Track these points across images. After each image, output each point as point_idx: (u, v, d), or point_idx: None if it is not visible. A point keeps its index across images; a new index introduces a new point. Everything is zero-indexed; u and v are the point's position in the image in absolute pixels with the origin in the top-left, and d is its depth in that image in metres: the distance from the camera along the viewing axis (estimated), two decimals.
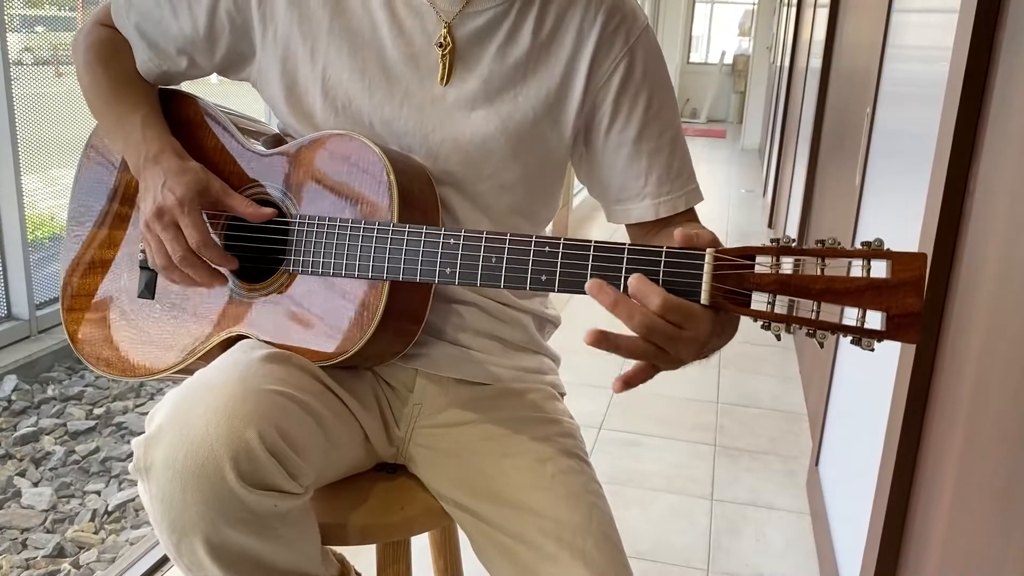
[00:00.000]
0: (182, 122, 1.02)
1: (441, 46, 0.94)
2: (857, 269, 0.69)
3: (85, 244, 1.05)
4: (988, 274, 1.03)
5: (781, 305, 0.70)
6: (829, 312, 0.69)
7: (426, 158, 0.96)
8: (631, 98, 0.97)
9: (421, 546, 1.15)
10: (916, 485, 1.25)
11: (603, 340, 0.71)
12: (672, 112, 1.00)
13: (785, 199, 4.62)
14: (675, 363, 0.76)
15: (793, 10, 5.96)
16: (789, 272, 0.70)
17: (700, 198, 1.02)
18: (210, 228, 0.92)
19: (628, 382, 0.75)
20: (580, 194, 5.44)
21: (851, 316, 0.69)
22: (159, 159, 0.93)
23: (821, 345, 0.70)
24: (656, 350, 0.74)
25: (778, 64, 7.06)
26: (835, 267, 0.70)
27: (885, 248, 0.68)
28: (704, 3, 13.20)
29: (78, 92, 1.05)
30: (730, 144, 9.95)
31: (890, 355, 1.38)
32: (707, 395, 2.78)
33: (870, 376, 1.62)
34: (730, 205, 6.15)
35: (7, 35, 2.67)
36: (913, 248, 1.28)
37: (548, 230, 1.12)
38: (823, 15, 3.58)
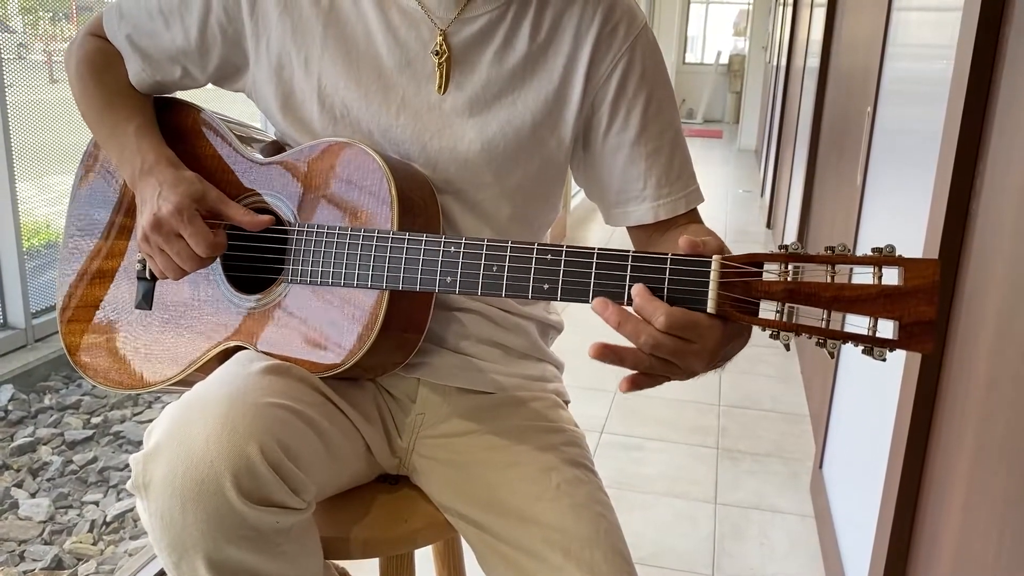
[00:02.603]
0: (178, 131, 1.01)
1: (437, 54, 0.93)
2: (868, 276, 0.67)
3: (83, 255, 1.04)
4: (997, 274, 1.02)
5: (790, 313, 0.68)
6: (839, 321, 0.68)
7: (425, 166, 0.94)
8: (630, 98, 0.96)
9: (425, 558, 1.14)
10: (925, 488, 1.23)
11: (608, 354, 0.70)
12: (672, 112, 0.99)
13: (784, 199, 4.61)
14: (685, 374, 0.74)
15: (789, 9, 5.96)
16: (798, 280, 0.68)
17: (701, 199, 1.01)
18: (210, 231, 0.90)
19: (635, 383, 0.74)
20: (577, 196, 5.43)
21: (862, 325, 0.68)
22: (154, 170, 0.92)
23: (831, 355, 0.68)
24: (663, 364, 0.72)
25: (774, 64, 7.06)
26: (843, 275, 0.68)
27: (897, 254, 0.66)
28: (699, 3, 13.20)
29: (72, 98, 1.04)
30: (726, 144, 9.95)
31: (896, 355, 1.37)
32: (708, 397, 2.77)
33: (875, 376, 1.61)
34: (728, 205, 6.14)
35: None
36: (919, 248, 1.27)
37: (547, 233, 1.11)
38: (820, 14, 3.57)
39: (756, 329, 0.72)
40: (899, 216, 1.56)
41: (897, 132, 1.67)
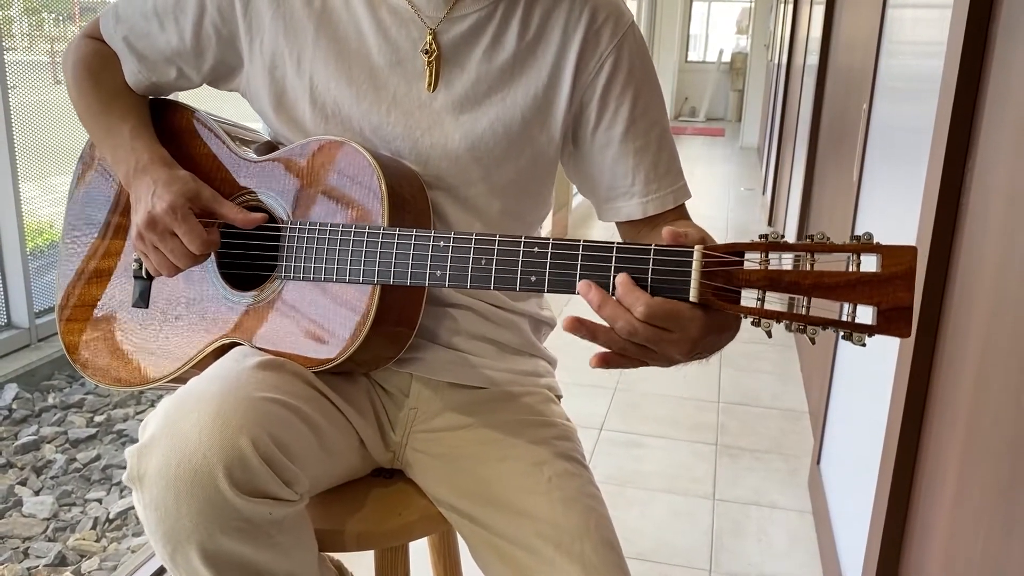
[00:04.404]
0: (173, 131, 1.02)
1: (427, 53, 0.94)
2: (848, 264, 0.69)
3: (81, 254, 1.05)
4: (986, 268, 1.03)
5: (771, 301, 0.69)
6: (819, 307, 0.69)
7: (416, 163, 0.95)
8: (617, 96, 0.97)
9: (420, 551, 1.15)
10: (917, 482, 1.24)
11: (579, 327, 0.71)
12: (659, 110, 1.00)
13: (784, 197, 4.61)
14: (663, 361, 0.76)
15: (790, 7, 5.96)
16: (778, 268, 0.69)
17: (688, 196, 1.02)
18: (204, 229, 0.91)
19: (606, 360, 0.75)
20: (579, 195, 5.43)
21: (842, 311, 0.69)
22: (148, 169, 0.93)
23: (812, 341, 0.70)
24: (638, 348, 0.73)
25: (776, 62, 7.06)
26: (826, 263, 0.69)
27: (875, 242, 0.68)
28: (701, 1, 13.20)
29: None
30: (729, 142, 9.94)
31: (890, 351, 1.38)
32: (708, 394, 2.78)
33: (870, 373, 1.62)
34: (730, 203, 6.14)
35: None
36: (911, 243, 1.28)
37: (547, 231, 1.12)
38: (819, 12, 3.58)
39: (747, 323, 0.73)
40: (894, 211, 1.56)
41: (892, 128, 1.68)
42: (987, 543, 0.93)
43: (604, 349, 0.75)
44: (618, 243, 0.75)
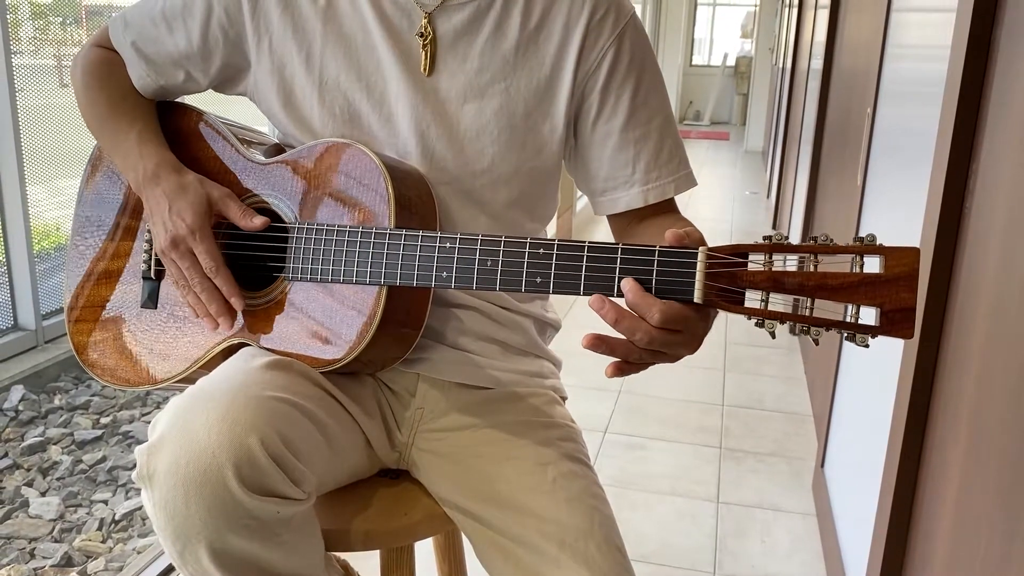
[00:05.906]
0: (182, 134, 1.03)
1: (421, 36, 0.95)
2: (850, 266, 0.69)
3: (90, 256, 1.06)
4: (989, 271, 1.03)
5: (775, 302, 0.70)
6: (823, 308, 0.69)
7: (423, 155, 0.96)
8: (618, 87, 0.98)
9: (426, 551, 1.15)
10: (921, 485, 1.24)
11: (600, 345, 0.73)
12: (661, 99, 1.00)
13: (788, 201, 4.61)
14: (672, 359, 0.78)
15: (794, 11, 5.96)
16: (782, 269, 0.70)
17: (693, 183, 1.02)
18: (221, 257, 0.93)
19: (621, 370, 0.77)
20: (584, 196, 5.43)
21: (845, 312, 0.70)
22: (158, 176, 0.95)
23: (816, 342, 0.70)
24: (652, 353, 0.75)
25: (780, 66, 7.06)
26: (829, 264, 0.70)
27: (878, 243, 0.68)
28: (706, 5, 13.20)
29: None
30: (734, 146, 9.94)
31: (893, 354, 1.38)
32: (712, 398, 2.78)
33: (874, 376, 1.62)
34: (734, 207, 6.14)
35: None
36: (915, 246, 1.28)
37: (552, 233, 1.12)
38: (824, 16, 3.58)
39: (756, 329, 0.74)
40: (897, 215, 1.57)
41: (896, 132, 1.68)
42: (990, 546, 0.94)
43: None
44: (623, 245, 0.76)
